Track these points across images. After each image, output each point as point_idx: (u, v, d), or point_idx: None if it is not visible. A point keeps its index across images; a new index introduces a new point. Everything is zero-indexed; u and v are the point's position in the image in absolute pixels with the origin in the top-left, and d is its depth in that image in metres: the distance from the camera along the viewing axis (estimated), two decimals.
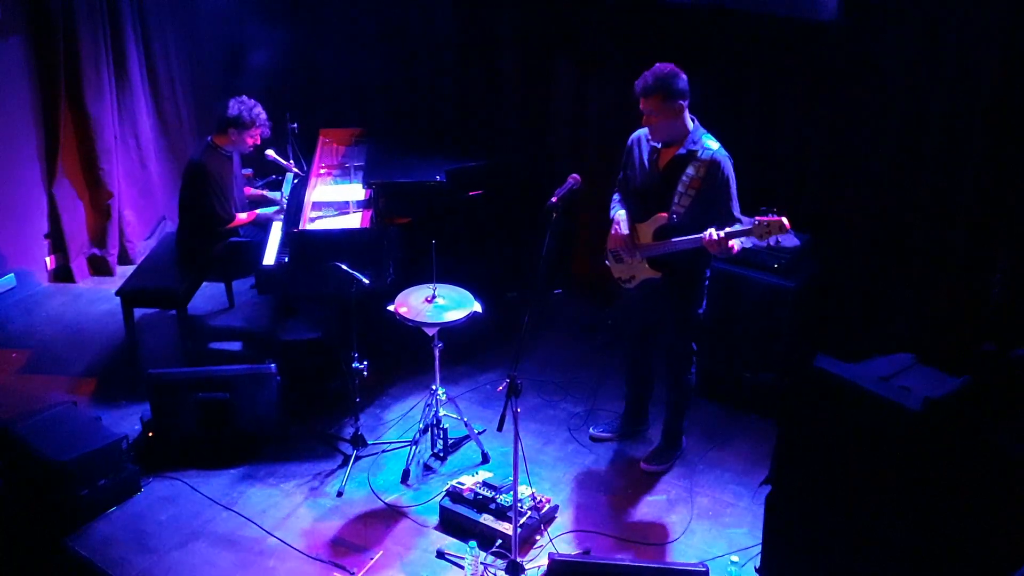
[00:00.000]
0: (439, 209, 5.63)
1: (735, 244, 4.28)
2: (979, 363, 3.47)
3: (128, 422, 5.21)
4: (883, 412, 3.37)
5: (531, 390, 5.45)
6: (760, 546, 4.40)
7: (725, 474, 4.94)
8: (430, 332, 4.72)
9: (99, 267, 6.98)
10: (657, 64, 4.38)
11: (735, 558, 4.18)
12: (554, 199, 4.15)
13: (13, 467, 4.71)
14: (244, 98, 5.64)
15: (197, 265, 5.78)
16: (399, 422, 5.34)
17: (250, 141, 5.68)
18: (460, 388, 5.56)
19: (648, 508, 4.72)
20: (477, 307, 4.72)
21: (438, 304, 4.66)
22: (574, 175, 4.25)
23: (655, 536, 4.55)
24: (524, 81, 6.56)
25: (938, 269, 5.12)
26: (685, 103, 4.38)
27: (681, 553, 4.44)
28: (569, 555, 4.31)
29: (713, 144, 4.43)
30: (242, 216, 5.78)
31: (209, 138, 5.73)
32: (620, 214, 4.65)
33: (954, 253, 5.05)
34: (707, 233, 4.26)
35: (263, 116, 5.67)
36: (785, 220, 4.17)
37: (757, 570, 4.06)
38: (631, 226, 4.59)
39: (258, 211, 5.86)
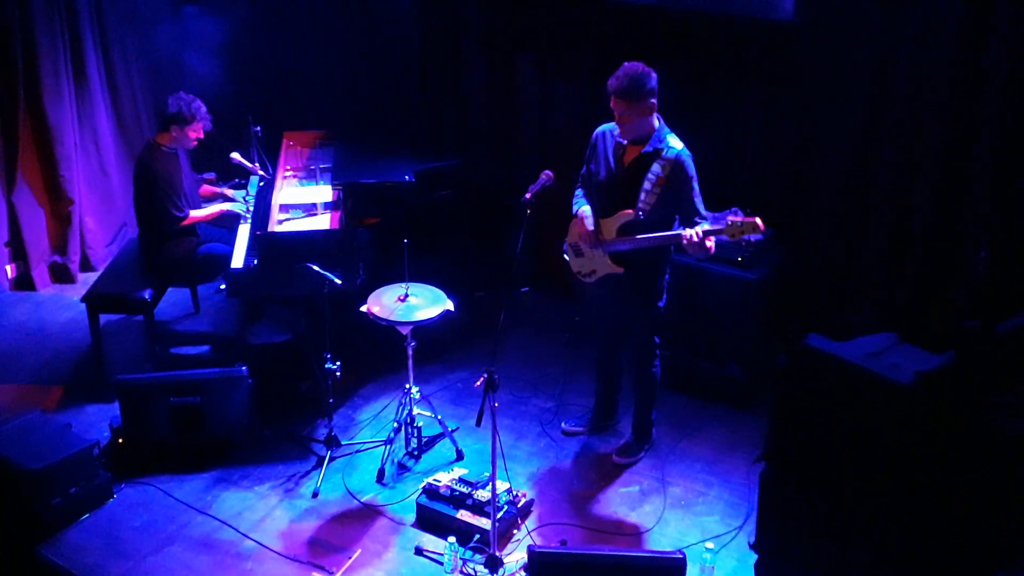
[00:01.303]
0: (408, 209, 5.64)
1: (711, 243, 4.31)
2: (963, 340, 3.55)
3: (98, 429, 5.17)
4: (875, 387, 3.44)
5: (502, 387, 5.39)
6: (735, 531, 4.51)
7: (696, 464, 5.02)
8: (404, 331, 4.75)
9: (60, 275, 6.90)
10: (627, 64, 4.38)
11: (710, 545, 4.26)
12: (528, 195, 4.19)
13: None
14: (182, 94, 5.60)
15: (161, 267, 5.73)
16: (372, 422, 5.36)
17: (193, 135, 5.62)
18: (432, 386, 5.59)
19: (622, 499, 4.79)
20: (449, 305, 4.75)
21: (411, 303, 4.69)
22: (547, 171, 4.28)
23: (630, 527, 4.62)
24: (490, 80, 6.60)
25: (907, 253, 5.22)
26: (655, 101, 4.42)
27: (656, 542, 4.51)
28: (548, 547, 4.35)
29: (677, 143, 4.46)
30: (198, 213, 5.73)
31: (151, 138, 5.70)
32: (585, 209, 4.65)
33: (922, 237, 5.15)
34: (688, 233, 4.27)
35: (203, 110, 5.62)
36: (759, 221, 4.20)
37: (751, 545, 4.11)
38: (595, 221, 4.63)
39: (225, 207, 5.82)
